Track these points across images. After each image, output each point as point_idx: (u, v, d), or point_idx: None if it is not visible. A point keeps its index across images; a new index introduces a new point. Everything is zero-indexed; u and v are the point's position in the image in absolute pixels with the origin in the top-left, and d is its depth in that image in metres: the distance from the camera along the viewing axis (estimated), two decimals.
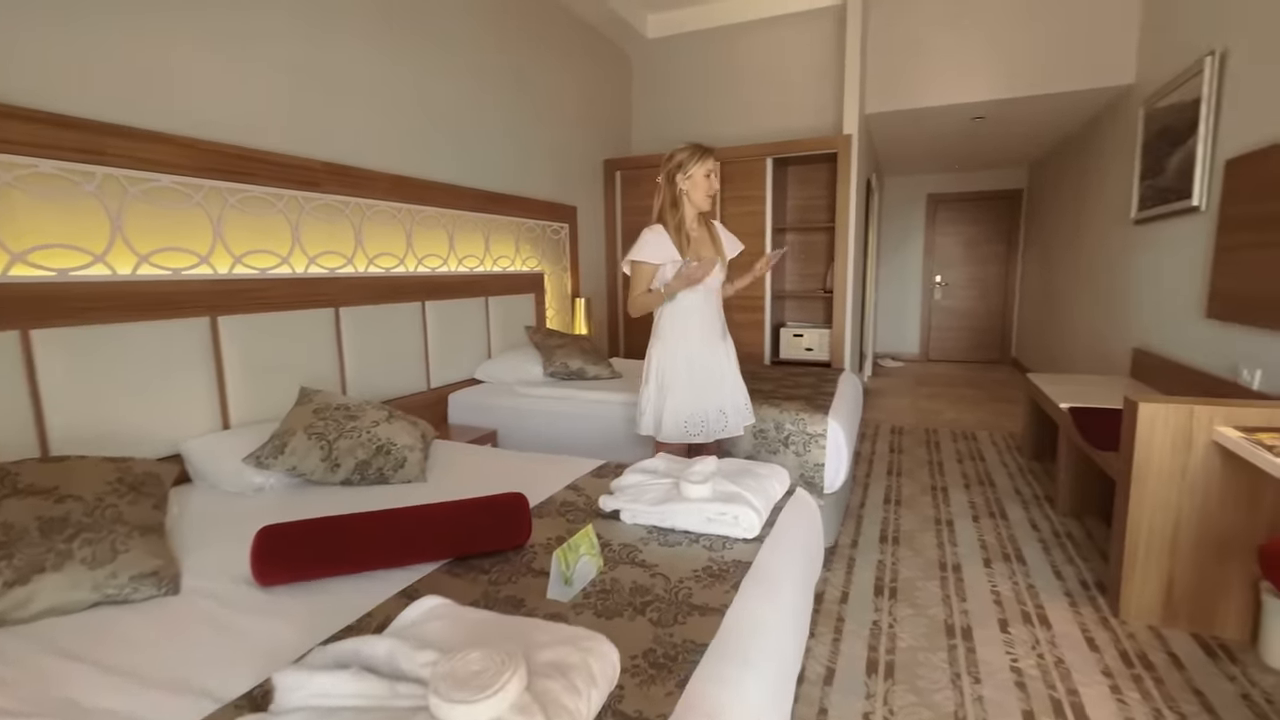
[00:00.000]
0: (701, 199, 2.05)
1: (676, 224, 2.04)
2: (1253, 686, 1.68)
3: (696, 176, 2.02)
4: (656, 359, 2.10)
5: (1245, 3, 2.41)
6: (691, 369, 2.07)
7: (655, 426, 2.10)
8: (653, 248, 2.02)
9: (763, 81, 4.34)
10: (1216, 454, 1.83)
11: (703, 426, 2.09)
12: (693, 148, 2.03)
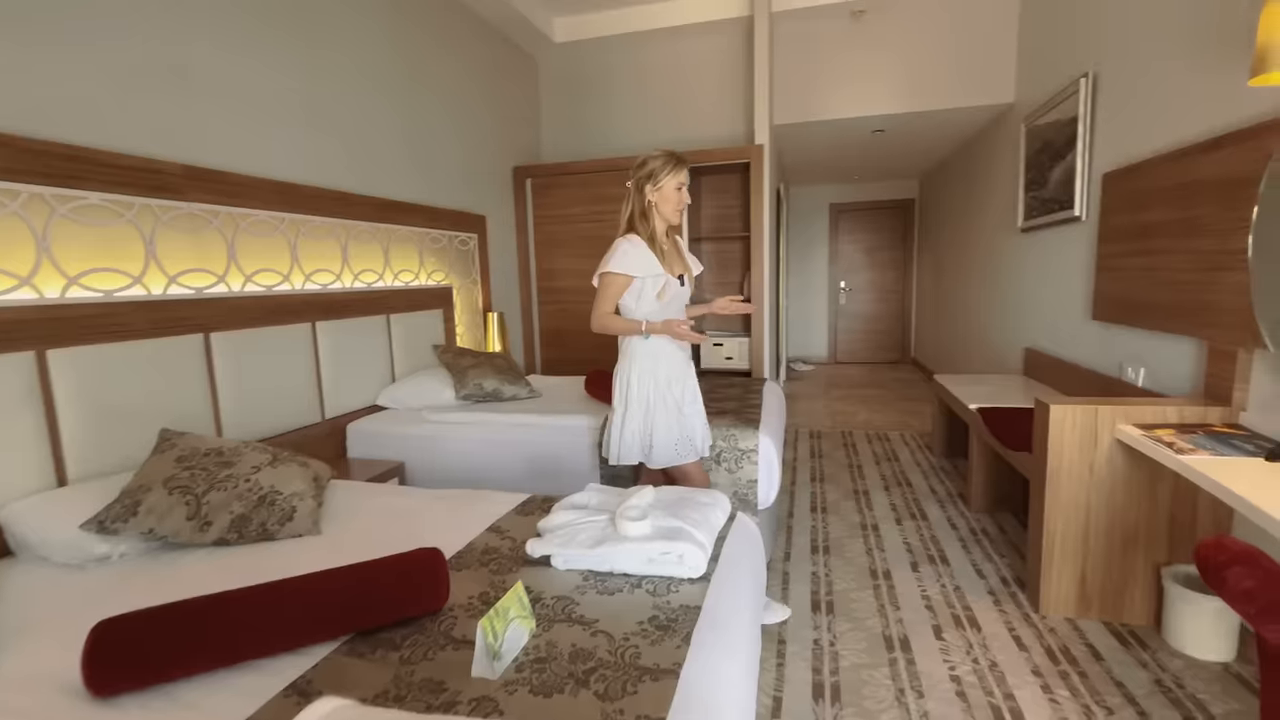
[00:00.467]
0: (671, 213, 1.94)
1: (649, 236, 1.91)
2: (1164, 672, 1.77)
3: (667, 189, 1.90)
4: (636, 380, 1.95)
5: (1111, 30, 2.62)
6: (673, 388, 1.97)
7: (643, 451, 1.97)
8: (635, 259, 1.87)
9: (673, 90, 4.32)
10: (1120, 451, 1.93)
11: (691, 446, 2.00)
12: (665, 156, 1.90)
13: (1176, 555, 1.94)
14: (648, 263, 1.88)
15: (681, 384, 2.00)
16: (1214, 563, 1.03)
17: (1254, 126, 1.72)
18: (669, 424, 1.95)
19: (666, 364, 1.97)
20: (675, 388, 1.98)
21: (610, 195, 4.04)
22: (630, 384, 1.97)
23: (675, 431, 1.97)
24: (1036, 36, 3.48)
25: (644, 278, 1.89)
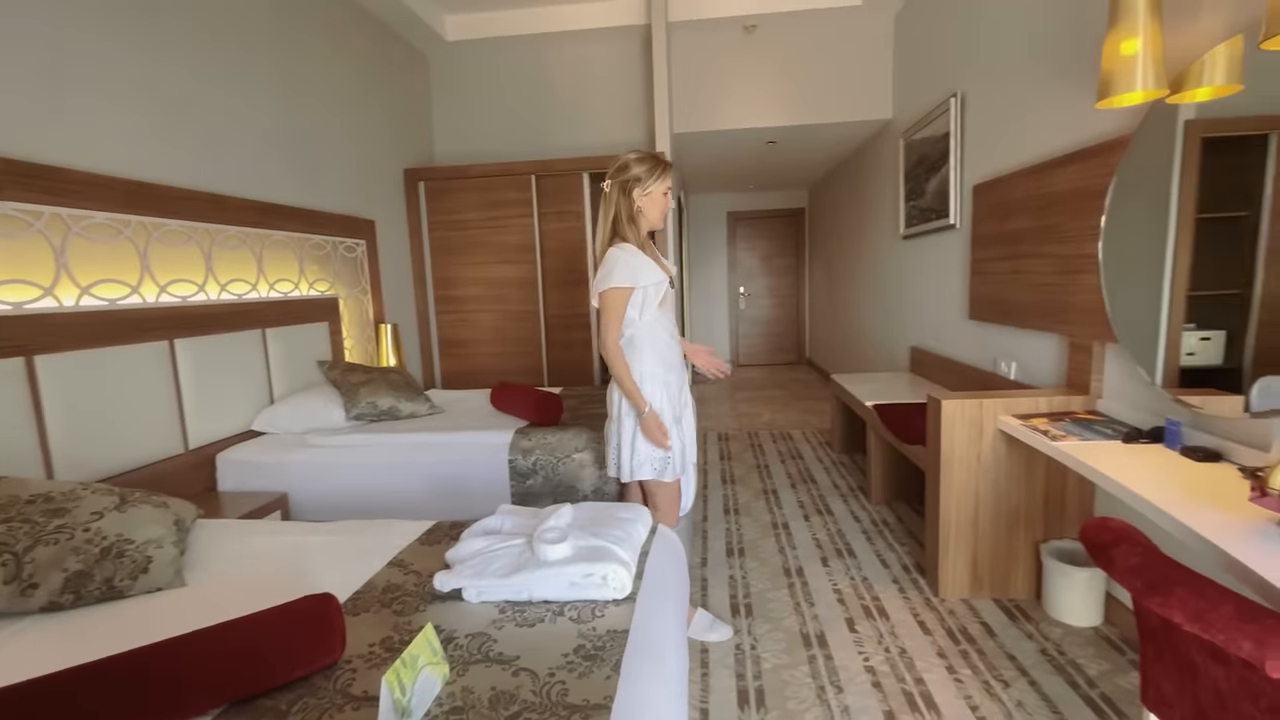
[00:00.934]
0: (658, 218, 1.86)
1: (639, 241, 1.83)
2: (1047, 641, 1.92)
3: (655, 194, 1.83)
4: (647, 391, 1.82)
5: (975, 54, 2.87)
6: (681, 395, 1.91)
7: (655, 468, 1.85)
8: (639, 269, 1.77)
9: (572, 95, 4.26)
10: (1002, 440, 2.08)
11: (687, 459, 1.95)
12: (652, 161, 1.82)
13: (1051, 532, 2.13)
14: (649, 269, 1.80)
15: (682, 389, 1.95)
16: (1100, 542, 1.11)
17: (1101, 144, 1.92)
18: (680, 435, 1.88)
19: (674, 371, 1.90)
20: (679, 396, 1.92)
21: (509, 200, 3.91)
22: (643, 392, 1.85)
23: (687, 444, 1.92)
24: (909, 57, 3.76)
25: (647, 286, 1.80)
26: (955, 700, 1.68)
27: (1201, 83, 1.59)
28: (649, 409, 1.80)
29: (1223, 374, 1.67)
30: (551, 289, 4.00)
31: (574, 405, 2.85)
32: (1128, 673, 1.75)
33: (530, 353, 4.05)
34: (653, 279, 1.80)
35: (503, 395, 2.76)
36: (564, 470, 2.22)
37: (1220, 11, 1.56)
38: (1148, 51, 1.59)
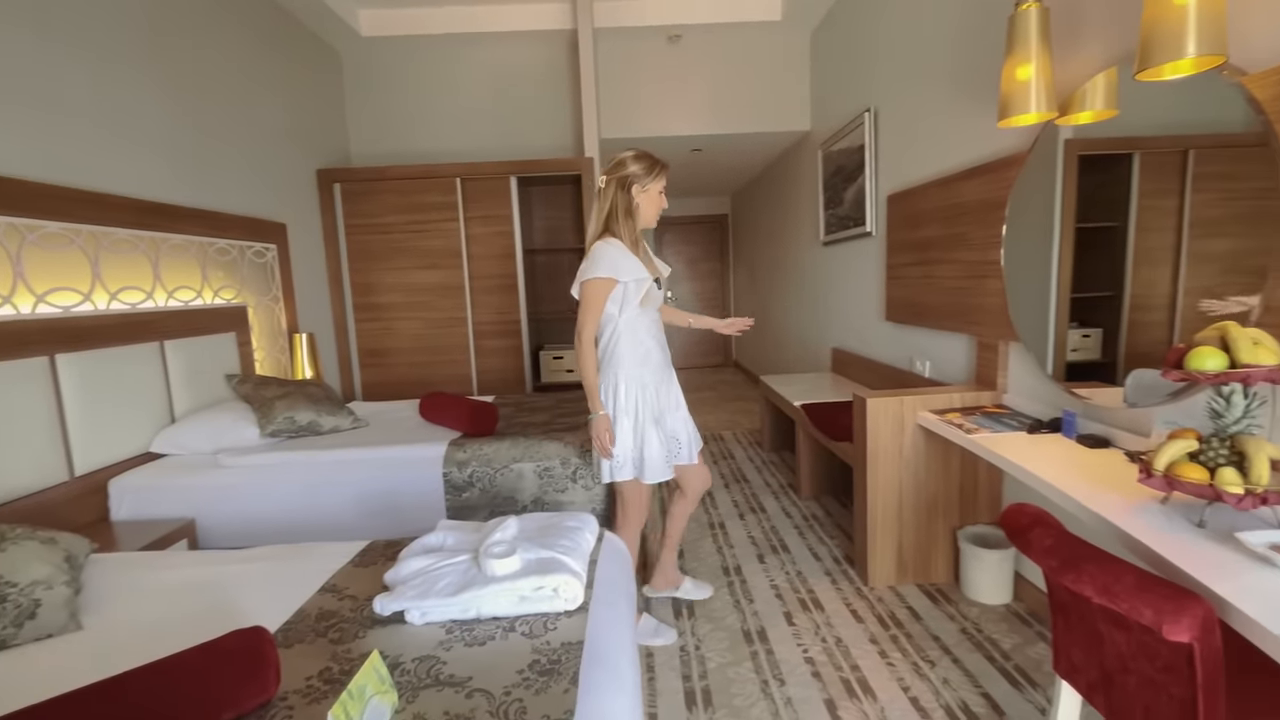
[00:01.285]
0: (652, 216, 1.90)
1: (632, 238, 1.84)
2: (966, 620, 2.06)
3: (652, 192, 1.86)
4: (623, 389, 1.85)
5: (886, 73, 3.06)
6: (656, 395, 1.90)
7: (635, 468, 1.87)
8: (621, 262, 1.78)
9: (498, 97, 4.18)
10: (921, 434, 2.22)
11: (672, 460, 1.95)
12: (649, 159, 1.85)
13: (966, 519, 2.29)
14: (632, 265, 1.80)
15: (666, 393, 1.95)
16: (1018, 526, 1.21)
17: (1001, 159, 2.09)
18: (658, 436, 1.88)
19: (651, 372, 1.89)
20: (660, 395, 1.92)
21: (432, 204, 3.79)
22: (618, 393, 1.85)
23: (666, 443, 1.91)
24: (825, 72, 3.95)
25: (628, 282, 1.81)
26: (889, 683, 1.77)
27: (1084, 107, 1.76)
28: (600, 413, 1.82)
29: (1102, 368, 1.86)
30: (480, 295, 3.90)
31: (509, 413, 2.79)
32: (1035, 644, 1.91)
33: (458, 361, 3.93)
34: (635, 275, 1.80)
35: (433, 406, 2.66)
36: (502, 481, 2.17)
37: (1098, 45, 1.74)
38: (1040, 78, 1.75)
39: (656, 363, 1.92)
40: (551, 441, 2.24)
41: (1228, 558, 1.05)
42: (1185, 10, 1.24)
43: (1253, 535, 1.06)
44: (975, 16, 2.28)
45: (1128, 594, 0.95)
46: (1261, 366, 1.11)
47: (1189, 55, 1.25)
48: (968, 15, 2.33)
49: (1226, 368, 1.15)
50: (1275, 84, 1.23)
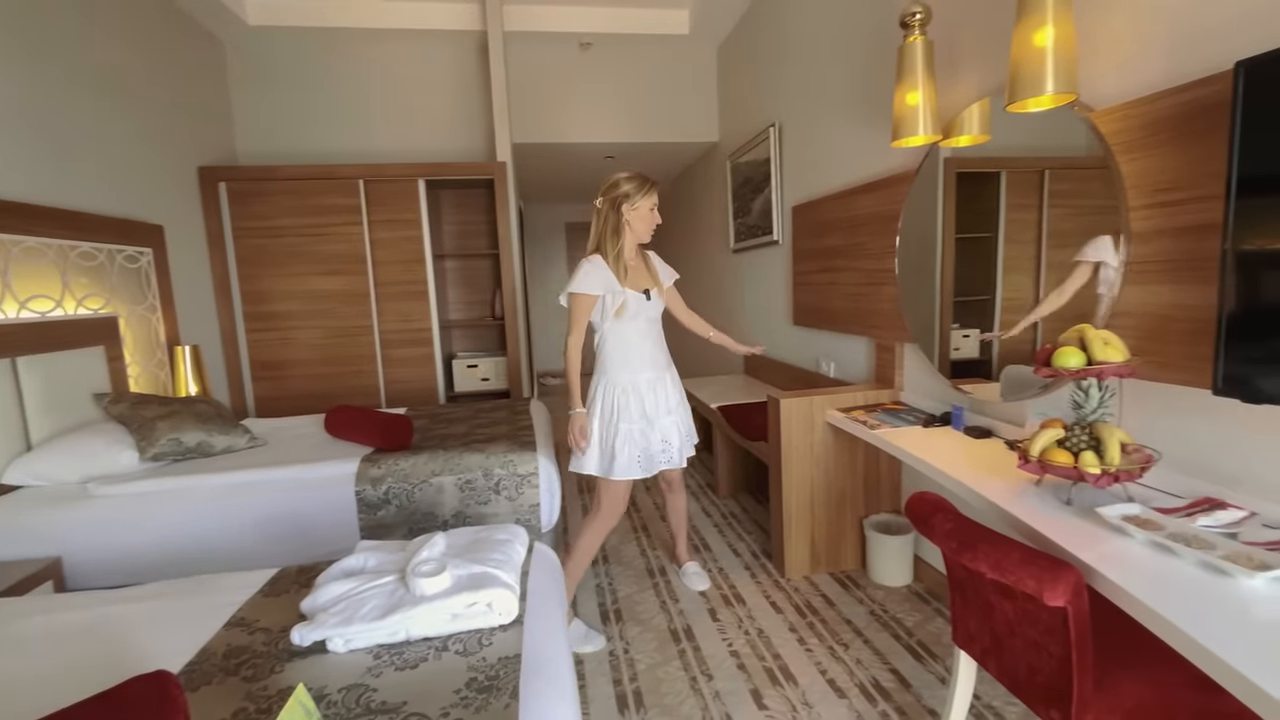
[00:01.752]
0: (644, 231, 2.05)
1: (616, 253, 2.00)
2: (873, 603, 2.22)
3: (643, 209, 2.02)
4: (601, 392, 2.05)
5: (789, 92, 3.24)
6: (640, 399, 2.04)
7: (606, 465, 2.02)
8: (592, 278, 1.99)
9: (405, 97, 4.02)
10: (829, 431, 2.37)
11: (649, 460, 2.06)
12: (639, 179, 2.02)
13: (871, 508, 2.46)
14: (604, 281, 1.99)
15: (648, 396, 2.06)
16: (921, 513, 1.32)
17: (894, 176, 2.28)
18: (628, 435, 2.00)
19: (630, 374, 2.04)
20: (640, 398, 2.04)
21: (333, 206, 3.58)
22: (595, 395, 2.05)
23: (638, 443, 2.02)
24: (732, 87, 4.12)
25: (603, 295, 1.99)
26: (808, 668, 1.87)
27: (963, 132, 1.96)
28: (576, 411, 2.02)
29: (981, 364, 2.08)
30: (387, 302, 3.73)
31: (424, 426, 2.69)
32: (934, 620, 2.09)
33: (365, 372, 3.73)
34: (608, 289, 1.99)
35: (341, 420, 2.52)
36: (421, 497, 2.09)
37: (974, 78, 1.95)
38: (926, 104, 1.93)
39: (642, 367, 2.07)
40: (473, 453, 2.18)
41: (1091, 530, 1.20)
42: (1044, 53, 1.42)
43: (1109, 509, 1.22)
44: (868, 44, 2.47)
45: (1015, 568, 1.08)
46: (1112, 363, 1.29)
47: (1048, 93, 1.43)
48: (861, 42, 2.52)
49: (1085, 365, 1.32)
50: (1116, 120, 1.43)
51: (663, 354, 2.17)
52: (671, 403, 2.15)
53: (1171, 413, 1.40)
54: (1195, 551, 1.07)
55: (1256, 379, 1.10)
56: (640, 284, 2.09)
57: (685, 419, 2.20)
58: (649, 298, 2.09)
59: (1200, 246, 1.27)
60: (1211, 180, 1.23)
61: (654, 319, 2.13)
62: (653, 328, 2.13)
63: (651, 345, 2.11)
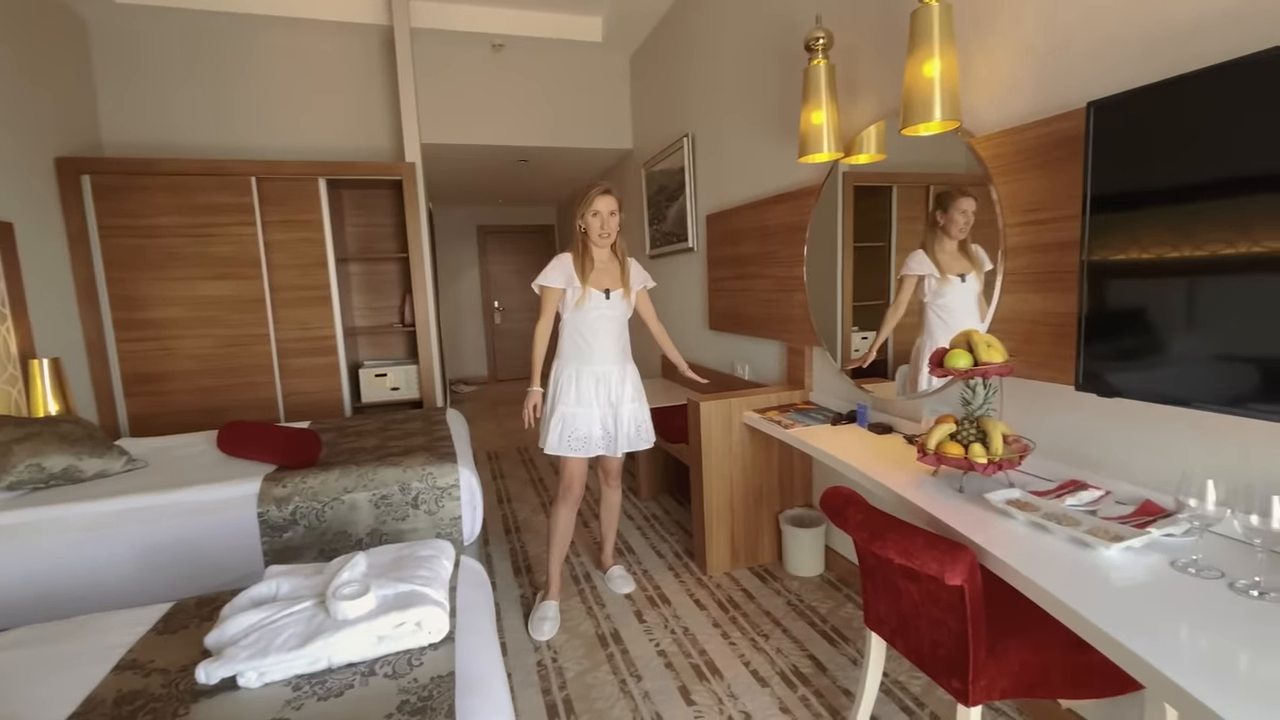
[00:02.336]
0: (595, 237, 2.18)
1: (578, 252, 2.20)
2: (790, 594, 2.34)
3: (587, 216, 2.17)
4: (553, 375, 2.26)
5: (701, 103, 3.35)
6: (579, 386, 2.21)
7: (545, 440, 2.22)
8: (554, 271, 2.20)
9: (304, 91, 3.77)
10: (746, 431, 2.47)
11: (585, 443, 2.21)
12: (586, 188, 2.19)
13: (786, 503, 2.59)
14: (566, 275, 2.18)
15: (592, 385, 2.21)
16: (835, 506, 1.42)
17: (802, 189, 2.42)
18: (561, 417, 2.18)
19: (577, 364, 2.22)
20: (582, 385, 2.20)
21: (222, 205, 3.31)
22: (551, 376, 2.27)
23: (570, 425, 2.19)
24: (645, 96, 4.20)
25: (564, 288, 2.18)
26: (732, 661, 1.94)
27: (863, 150, 2.12)
28: (533, 389, 2.23)
29: (878, 364, 2.25)
30: (285, 308, 3.48)
31: (331, 439, 2.54)
32: (845, 606, 2.23)
33: (259, 384, 3.46)
34: (567, 283, 2.18)
35: (237, 437, 2.33)
36: (332, 516, 1.98)
37: (871, 101, 2.11)
38: (830, 123, 2.07)
39: (593, 359, 2.22)
40: (388, 467, 2.09)
41: (981, 515, 1.34)
42: (932, 83, 1.57)
43: (995, 495, 1.37)
44: (777, 63, 2.61)
45: (919, 552, 1.18)
46: (994, 364, 1.44)
47: (936, 119, 1.58)
48: (770, 61, 2.66)
49: (972, 365, 1.47)
50: (993, 146, 1.60)
51: (619, 350, 2.28)
52: (619, 396, 2.25)
53: (1042, 406, 1.58)
54: (1065, 528, 1.21)
55: (1108, 376, 1.27)
56: (603, 283, 2.22)
57: (639, 413, 2.30)
58: (607, 297, 2.22)
59: (1062, 260, 1.45)
60: (1070, 202, 1.41)
61: (612, 317, 2.24)
62: (610, 325, 2.24)
63: (606, 340, 2.23)
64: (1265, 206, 1.00)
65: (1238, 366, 1.07)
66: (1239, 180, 1.04)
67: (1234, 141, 1.04)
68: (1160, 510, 1.28)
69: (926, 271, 1.91)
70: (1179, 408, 1.19)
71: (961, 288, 1.84)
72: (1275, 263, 0.99)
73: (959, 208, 1.81)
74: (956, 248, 1.84)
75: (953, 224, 1.83)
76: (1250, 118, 1.01)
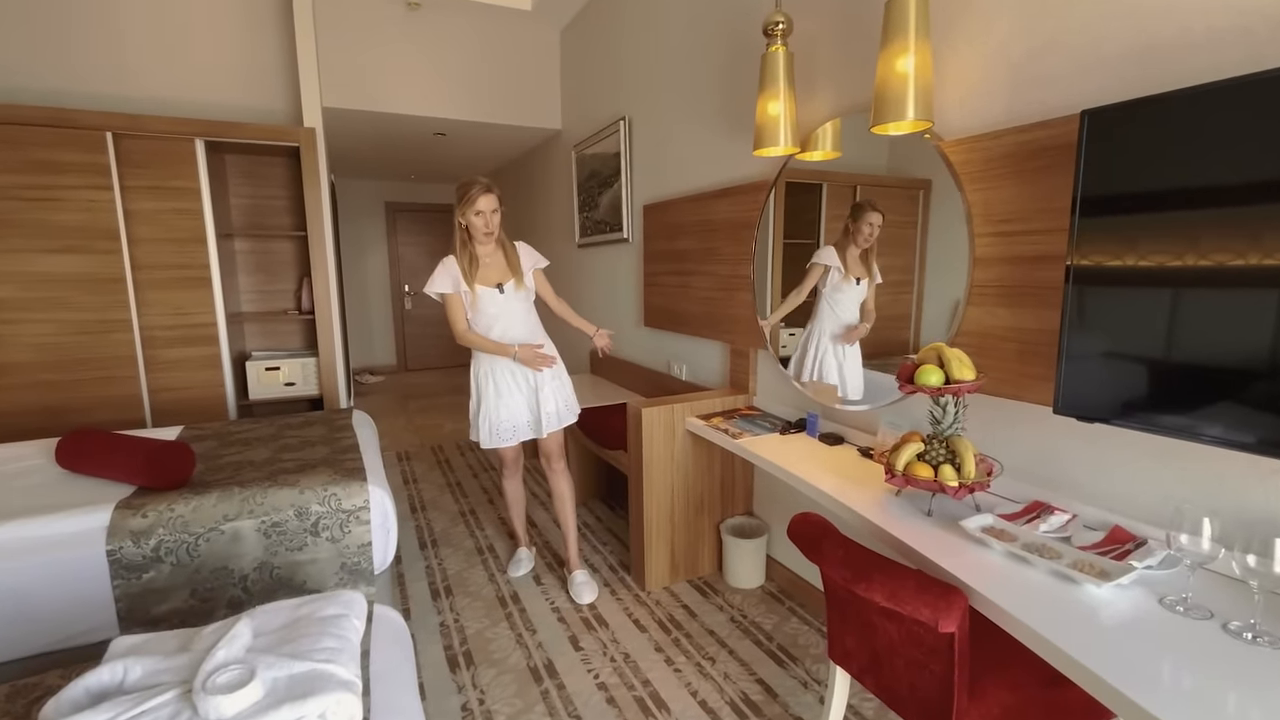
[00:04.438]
0: (479, 235, 2.14)
1: (460, 252, 2.17)
2: (732, 609, 2.23)
3: (469, 215, 2.11)
4: (473, 372, 2.31)
5: (641, 84, 3.15)
6: (496, 379, 2.24)
7: (477, 434, 2.29)
8: (440, 279, 2.19)
9: (176, 35, 3.20)
10: (688, 438, 2.33)
11: (513, 432, 2.27)
12: (462, 187, 2.11)
13: (727, 512, 2.48)
14: (452, 279, 2.17)
15: (511, 376, 2.24)
16: (809, 539, 1.29)
17: (753, 183, 2.28)
18: (488, 411, 2.24)
19: (490, 360, 2.24)
20: (501, 378, 2.23)
21: (68, 164, 2.75)
22: (471, 375, 2.33)
23: (494, 418, 2.24)
24: (577, 73, 3.93)
25: (458, 292, 2.17)
26: (679, 691, 1.80)
27: (819, 147, 2.01)
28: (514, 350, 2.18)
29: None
30: (152, 290, 2.97)
31: (209, 450, 2.16)
32: (790, 620, 2.15)
33: (118, 379, 2.94)
34: (455, 288, 2.16)
35: (82, 449, 1.91)
36: (208, 551, 1.64)
37: (827, 97, 2.00)
38: (787, 115, 1.94)
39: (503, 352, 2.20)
40: (282, 488, 1.77)
41: (956, 542, 1.26)
42: (906, 80, 1.46)
43: (970, 522, 1.29)
44: (728, 48, 2.45)
45: (910, 596, 1.07)
46: (966, 381, 1.37)
47: (909, 118, 1.48)
48: (720, 45, 2.50)
49: (944, 383, 1.39)
50: (963, 151, 1.53)
51: (527, 336, 2.25)
52: (538, 379, 2.26)
53: (1003, 423, 1.54)
54: (1046, 561, 1.15)
55: (1089, 400, 1.22)
56: (492, 278, 2.20)
57: (559, 391, 2.33)
58: (501, 291, 2.20)
59: (1035, 275, 1.39)
60: (1047, 215, 1.35)
61: (514, 309, 2.23)
62: (512, 317, 2.22)
63: (511, 333, 2.21)
64: (1246, 222, 0.96)
65: (1242, 396, 1.02)
66: (1239, 189, 0.99)
67: (1226, 156, 0.99)
68: (1130, 537, 1.25)
69: (833, 264, 2.00)
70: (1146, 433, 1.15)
71: (855, 289, 1.96)
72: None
73: (867, 220, 1.92)
74: (860, 255, 1.93)
75: (859, 234, 1.93)
76: (1240, 132, 0.96)
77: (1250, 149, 0.97)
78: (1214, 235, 1.02)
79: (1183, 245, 1.05)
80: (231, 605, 1.66)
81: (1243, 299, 0.99)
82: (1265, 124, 0.95)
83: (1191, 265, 1.04)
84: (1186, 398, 1.08)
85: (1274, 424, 0.98)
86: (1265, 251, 0.96)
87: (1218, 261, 1.01)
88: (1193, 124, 1.03)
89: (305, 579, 1.73)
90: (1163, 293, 1.09)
